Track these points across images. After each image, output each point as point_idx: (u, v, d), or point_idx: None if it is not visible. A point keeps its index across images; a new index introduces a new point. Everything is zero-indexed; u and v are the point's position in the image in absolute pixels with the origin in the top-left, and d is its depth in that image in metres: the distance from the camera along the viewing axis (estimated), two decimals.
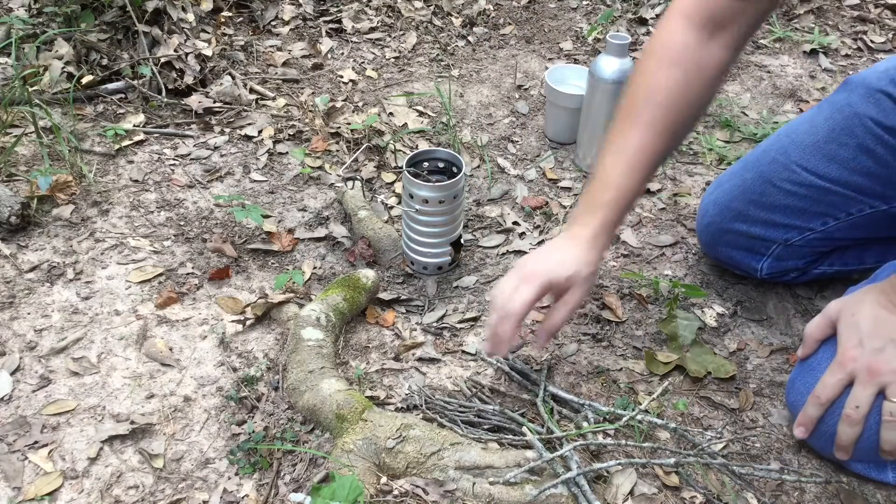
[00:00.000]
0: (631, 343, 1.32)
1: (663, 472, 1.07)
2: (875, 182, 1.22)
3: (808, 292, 1.41)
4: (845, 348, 1.01)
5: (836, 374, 1.01)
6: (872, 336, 1.00)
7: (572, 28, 2.37)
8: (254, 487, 1.05)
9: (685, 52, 1.03)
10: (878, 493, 1.08)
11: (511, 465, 1.03)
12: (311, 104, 1.92)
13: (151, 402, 1.17)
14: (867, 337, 1.00)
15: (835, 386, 1.01)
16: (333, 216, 1.58)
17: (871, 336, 1.00)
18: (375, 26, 2.30)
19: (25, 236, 1.45)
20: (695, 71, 1.04)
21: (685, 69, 1.03)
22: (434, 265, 1.43)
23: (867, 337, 1.00)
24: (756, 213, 1.30)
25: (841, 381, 1.01)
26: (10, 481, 1.04)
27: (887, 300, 1.01)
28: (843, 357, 1.01)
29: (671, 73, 1.03)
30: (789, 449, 1.14)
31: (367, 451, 1.04)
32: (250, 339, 1.29)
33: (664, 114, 1.04)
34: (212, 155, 1.73)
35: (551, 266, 1.03)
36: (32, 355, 1.23)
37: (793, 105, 2.03)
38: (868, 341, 1.00)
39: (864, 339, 1.00)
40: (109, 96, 1.85)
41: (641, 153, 1.04)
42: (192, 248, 1.47)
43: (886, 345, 0.98)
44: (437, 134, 1.86)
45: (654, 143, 1.04)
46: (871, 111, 1.19)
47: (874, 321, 1.00)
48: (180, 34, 1.94)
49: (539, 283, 1.01)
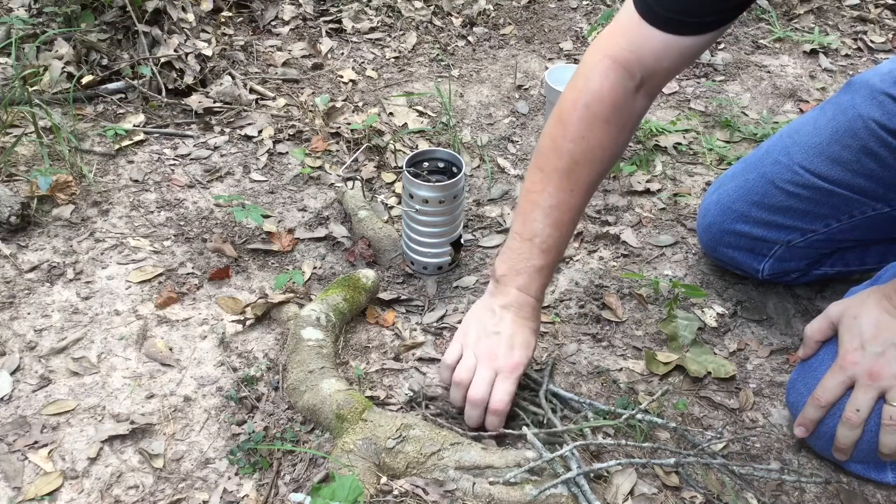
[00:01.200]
0: (631, 343, 1.32)
1: (663, 472, 1.07)
2: (878, 184, 1.21)
3: (809, 293, 1.41)
4: (846, 351, 1.01)
5: (837, 377, 1.01)
6: (874, 339, 0.99)
7: (572, 28, 2.37)
8: (254, 487, 1.05)
9: (620, 106, 1.04)
10: (878, 493, 1.08)
11: (511, 465, 1.03)
12: (311, 104, 1.92)
13: (151, 402, 1.17)
14: (868, 340, 0.99)
15: (835, 389, 1.01)
16: (333, 216, 1.58)
17: (873, 339, 0.99)
18: (375, 26, 2.30)
19: (25, 236, 1.45)
20: (628, 126, 1.06)
21: (621, 126, 1.05)
22: (434, 265, 1.43)
23: (868, 340, 0.99)
24: (758, 215, 1.30)
25: (842, 383, 1.01)
26: (10, 481, 1.04)
27: (889, 303, 1.00)
28: (844, 360, 1.01)
29: (609, 132, 1.05)
30: (789, 449, 1.14)
31: (367, 451, 1.04)
32: (250, 339, 1.29)
33: (600, 172, 1.08)
34: (212, 155, 1.73)
35: (525, 354, 1.09)
36: (32, 355, 1.23)
37: (793, 105, 2.03)
38: (869, 345, 0.99)
39: (866, 343, 1.00)
40: (109, 96, 1.85)
41: (576, 214, 1.09)
42: (192, 248, 1.47)
43: (888, 349, 0.98)
44: (437, 134, 1.86)
45: (585, 203, 1.10)
46: (875, 113, 1.19)
47: (876, 324, 1.00)
48: (180, 34, 1.94)
49: (518, 376, 1.08)
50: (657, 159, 1.78)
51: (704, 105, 2.02)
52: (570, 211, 1.09)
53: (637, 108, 1.07)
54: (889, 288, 1.01)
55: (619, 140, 1.08)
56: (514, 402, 1.12)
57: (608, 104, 1.04)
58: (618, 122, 1.05)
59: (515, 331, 1.09)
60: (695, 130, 1.89)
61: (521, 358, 1.08)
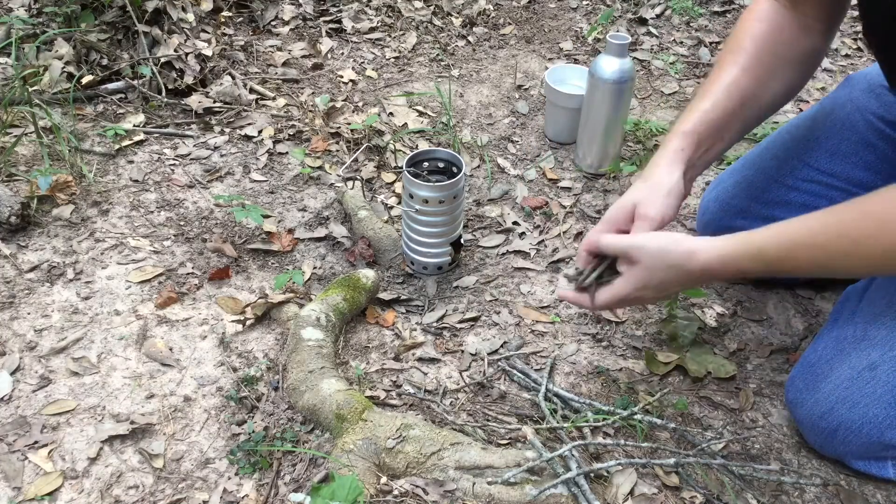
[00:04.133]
0: (631, 343, 1.32)
1: (663, 472, 1.07)
2: (877, 176, 1.22)
3: (809, 292, 1.41)
4: (632, 289, 1.02)
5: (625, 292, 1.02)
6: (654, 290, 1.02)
7: (572, 28, 2.37)
8: (254, 487, 1.05)
9: (769, 11, 1.10)
10: (877, 493, 1.08)
11: (511, 465, 1.03)
12: (311, 104, 1.92)
13: (151, 402, 1.17)
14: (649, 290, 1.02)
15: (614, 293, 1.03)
16: (333, 216, 1.58)
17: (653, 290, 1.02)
18: (375, 26, 2.30)
19: (25, 236, 1.45)
20: (777, 29, 1.09)
21: (769, 23, 1.09)
22: (434, 265, 1.43)
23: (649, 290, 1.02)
24: (758, 210, 1.30)
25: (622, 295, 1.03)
26: (10, 481, 1.04)
27: (687, 278, 0.99)
28: (628, 295, 1.02)
29: (756, 25, 1.10)
30: (789, 449, 1.14)
31: (367, 451, 1.04)
32: (250, 339, 1.29)
33: (748, 54, 1.09)
34: (212, 155, 1.73)
35: (615, 210, 1.06)
36: (32, 355, 1.23)
37: (793, 105, 2.03)
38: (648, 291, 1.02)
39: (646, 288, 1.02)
40: (109, 96, 1.85)
41: (725, 85, 1.08)
42: (192, 248, 1.47)
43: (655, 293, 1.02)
44: (437, 134, 1.86)
45: (739, 77, 1.08)
46: (873, 105, 1.20)
47: (661, 286, 1.01)
48: (180, 34, 1.94)
49: (605, 219, 1.06)
50: None
51: None
52: (716, 85, 1.09)
53: (791, 20, 1.09)
54: (697, 271, 0.98)
55: (768, 35, 1.10)
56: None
57: (757, 10, 1.11)
58: (767, 21, 1.10)
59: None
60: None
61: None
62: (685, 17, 2.43)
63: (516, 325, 1.34)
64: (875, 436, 1.01)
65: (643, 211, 1.03)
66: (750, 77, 1.08)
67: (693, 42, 2.31)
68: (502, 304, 1.39)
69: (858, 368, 1.04)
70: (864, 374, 1.03)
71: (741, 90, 1.08)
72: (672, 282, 0.99)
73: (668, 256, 0.97)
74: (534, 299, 1.40)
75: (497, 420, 1.16)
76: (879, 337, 1.04)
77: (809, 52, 1.11)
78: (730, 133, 1.11)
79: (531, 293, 1.42)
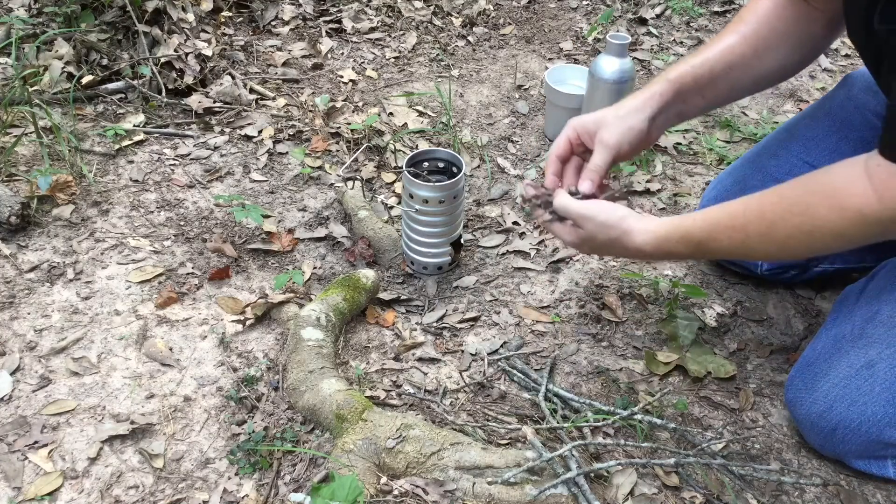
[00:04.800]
0: (631, 343, 1.32)
1: (663, 472, 1.07)
2: None
3: (808, 292, 1.41)
4: (572, 241, 1.10)
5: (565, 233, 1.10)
6: (593, 250, 1.12)
7: (572, 28, 2.37)
8: (254, 487, 1.05)
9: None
10: (877, 493, 1.08)
11: (511, 465, 1.03)
12: (311, 104, 1.92)
13: (151, 402, 1.17)
14: (587, 247, 1.11)
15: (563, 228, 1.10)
16: (333, 216, 1.58)
17: (593, 250, 1.11)
18: (375, 26, 2.30)
19: (25, 236, 1.45)
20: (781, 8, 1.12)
21: (775, 2, 1.12)
22: (434, 265, 1.43)
23: (587, 247, 1.11)
24: None
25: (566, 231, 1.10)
26: (10, 481, 1.04)
27: (624, 253, 1.08)
28: (570, 243, 1.10)
29: (762, 2, 1.13)
30: (789, 449, 1.14)
31: (367, 451, 1.04)
32: (250, 339, 1.29)
33: (748, 25, 1.12)
34: (212, 155, 1.73)
35: (583, 117, 1.13)
36: (32, 355, 1.23)
37: (793, 105, 2.03)
38: (585, 248, 1.11)
39: (585, 246, 1.11)
40: (109, 96, 1.85)
41: (719, 48, 1.12)
42: (192, 248, 1.47)
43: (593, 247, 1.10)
44: (437, 134, 1.86)
45: (735, 44, 1.12)
46: (872, 104, 1.20)
47: (600, 250, 1.10)
48: (180, 34, 1.94)
49: (572, 125, 1.12)
50: (657, 159, 1.78)
51: None
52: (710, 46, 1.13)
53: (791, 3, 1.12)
54: (643, 244, 1.04)
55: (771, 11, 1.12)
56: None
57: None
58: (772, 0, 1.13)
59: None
60: (695, 130, 1.89)
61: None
62: (685, 17, 2.43)
63: (516, 325, 1.34)
64: (874, 434, 1.02)
65: (602, 136, 1.10)
66: (746, 45, 1.12)
67: (693, 42, 2.31)
68: (502, 304, 1.39)
69: (856, 366, 1.04)
70: (861, 372, 1.03)
71: (734, 55, 1.12)
72: (610, 250, 1.08)
73: (610, 231, 1.05)
74: (534, 299, 1.40)
75: (497, 420, 1.16)
76: (877, 335, 1.04)
77: (809, 37, 1.14)
78: (713, 93, 1.15)
79: (531, 293, 1.42)
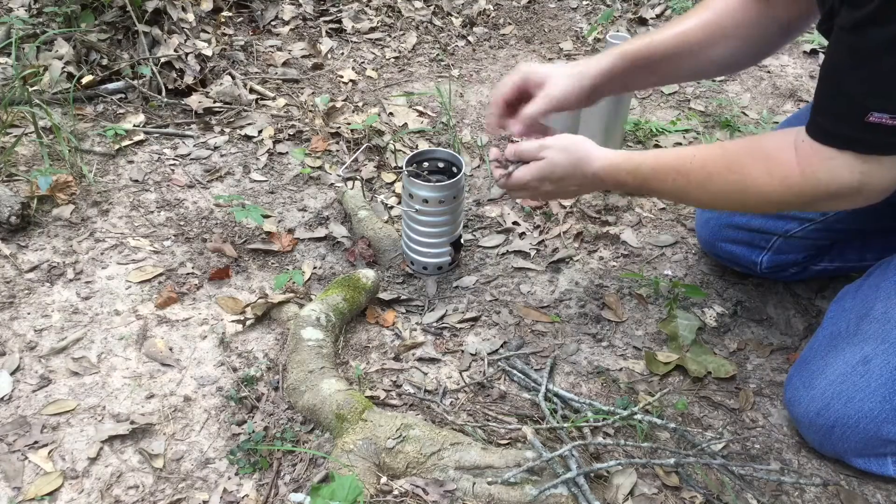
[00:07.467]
0: (631, 343, 1.32)
1: (663, 472, 1.07)
2: None
3: (808, 292, 1.41)
4: (531, 178, 1.15)
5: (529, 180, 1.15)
6: (553, 185, 1.15)
7: (572, 28, 2.37)
8: (254, 487, 1.05)
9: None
10: (877, 494, 1.08)
11: (511, 465, 1.03)
12: (311, 104, 1.92)
13: (151, 402, 1.17)
14: (547, 182, 1.15)
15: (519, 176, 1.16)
16: (333, 216, 1.58)
17: (553, 184, 1.15)
18: (375, 26, 2.30)
19: (25, 236, 1.45)
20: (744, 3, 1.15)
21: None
22: (434, 265, 1.43)
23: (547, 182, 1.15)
24: None
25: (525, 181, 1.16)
26: (10, 481, 1.04)
27: (583, 179, 1.13)
28: (528, 183, 1.15)
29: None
30: (789, 449, 1.14)
31: (367, 451, 1.04)
32: (250, 339, 1.29)
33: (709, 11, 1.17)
34: (212, 155, 1.73)
35: (536, 66, 1.20)
36: (32, 355, 1.23)
37: (793, 105, 2.03)
38: (546, 184, 1.15)
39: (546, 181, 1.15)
40: (109, 96, 1.85)
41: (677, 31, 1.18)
42: (192, 248, 1.47)
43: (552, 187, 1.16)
44: (437, 134, 1.86)
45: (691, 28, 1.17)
46: None
47: (561, 181, 1.14)
48: (180, 34, 1.94)
49: (521, 70, 1.18)
50: None
51: (704, 105, 2.02)
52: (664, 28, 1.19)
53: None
54: (603, 172, 1.10)
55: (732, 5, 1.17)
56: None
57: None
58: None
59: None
60: (695, 130, 1.89)
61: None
62: None
63: (516, 325, 1.34)
64: (872, 431, 1.02)
65: (549, 89, 1.16)
66: (702, 32, 1.17)
67: None
68: (502, 304, 1.39)
69: (852, 363, 1.04)
70: (857, 369, 1.03)
71: (688, 39, 1.18)
72: (569, 178, 1.13)
73: (572, 155, 1.11)
74: (534, 299, 1.40)
75: (497, 420, 1.16)
76: (871, 331, 1.05)
77: (762, 36, 1.17)
78: (664, 70, 1.21)
79: (531, 293, 1.42)
